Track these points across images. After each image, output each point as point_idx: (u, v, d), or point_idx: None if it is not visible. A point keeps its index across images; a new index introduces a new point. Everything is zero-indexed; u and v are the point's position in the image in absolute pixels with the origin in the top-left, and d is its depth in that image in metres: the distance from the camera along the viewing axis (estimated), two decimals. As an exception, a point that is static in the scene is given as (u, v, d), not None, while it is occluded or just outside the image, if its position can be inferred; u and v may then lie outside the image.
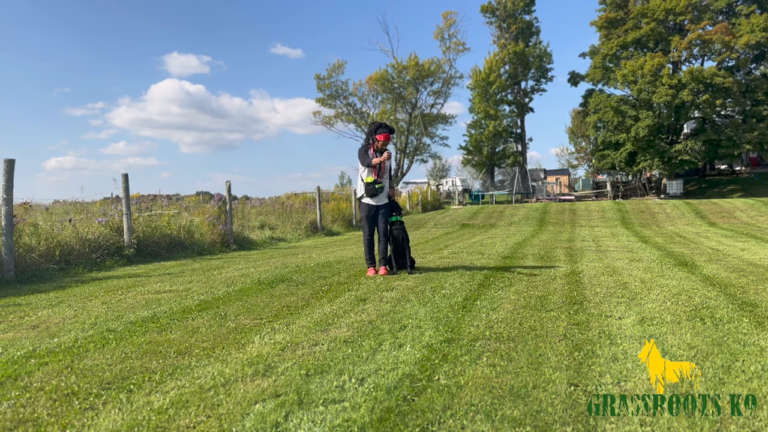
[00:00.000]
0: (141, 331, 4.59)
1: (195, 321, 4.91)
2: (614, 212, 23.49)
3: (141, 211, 12.59)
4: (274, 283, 6.83)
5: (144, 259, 10.15)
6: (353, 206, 21.99)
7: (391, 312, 5.11)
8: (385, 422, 2.69)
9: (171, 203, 16.36)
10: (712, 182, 39.35)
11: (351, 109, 56.24)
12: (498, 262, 8.64)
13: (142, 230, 10.91)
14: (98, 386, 3.27)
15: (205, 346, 4.10)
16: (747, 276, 6.74)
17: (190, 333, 4.49)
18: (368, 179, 7.20)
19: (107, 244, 9.81)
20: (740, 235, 14.05)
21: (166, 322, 4.88)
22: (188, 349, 4.03)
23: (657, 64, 34.38)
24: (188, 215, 13.32)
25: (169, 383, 3.31)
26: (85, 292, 6.65)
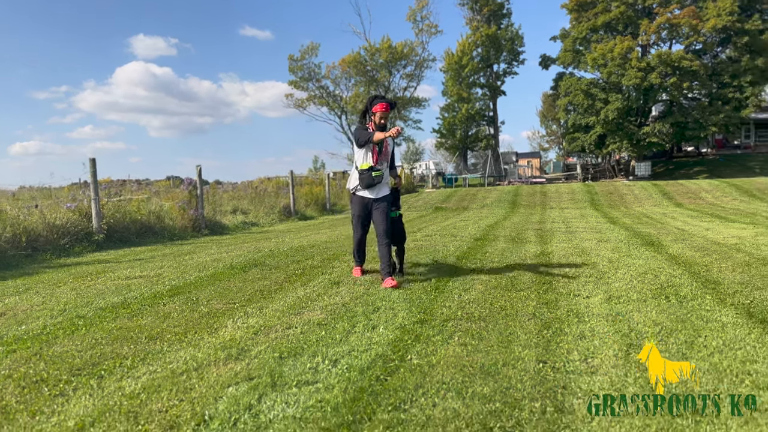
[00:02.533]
0: (111, 317, 4.54)
1: (166, 306, 4.87)
2: (584, 194, 23.85)
3: (110, 196, 12.36)
4: (246, 267, 6.80)
5: (114, 245, 9.99)
6: (327, 190, 21.90)
7: (364, 294, 5.14)
8: (358, 402, 2.73)
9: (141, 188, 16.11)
10: (679, 164, 40.15)
11: (324, 92, 55.75)
12: (470, 244, 8.73)
13: (112, 216, 10.72)
14: (68, 373, 3.24)
15: (177, 331, 4.08)
16: (711, 255, 6.93)
17: (161, 318, 4.46)
18: (364, 165, 5.59)
19: (76, 230, 9.63)
20: (705, 216, 14.41)
21: (137, 307, 4.84)
22: (160, 334, 4.01)
23: (626, 48, 34.76)
24: (158, 200, 13.12)
25: (141, 368, 3.30)
26: (54, 278, 6.53)
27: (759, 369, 2.98)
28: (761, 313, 4.08)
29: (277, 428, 2.49)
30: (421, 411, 2.62)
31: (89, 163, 10.22)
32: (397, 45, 53.12)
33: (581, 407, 2.62)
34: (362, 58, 53.50)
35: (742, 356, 3.20)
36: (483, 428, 2.43)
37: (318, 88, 55.50)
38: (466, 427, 2.45)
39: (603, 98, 36.06)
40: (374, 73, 54.37)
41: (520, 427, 2.45)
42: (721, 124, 34.61)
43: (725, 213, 15.00)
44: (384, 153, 5.66)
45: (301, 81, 54.72)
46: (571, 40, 39.01)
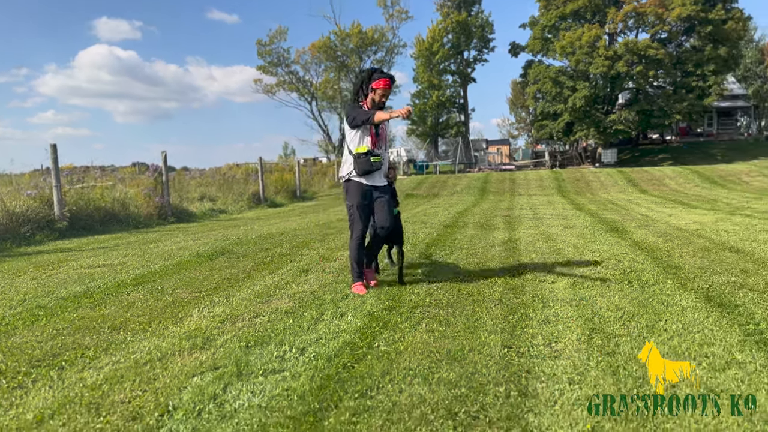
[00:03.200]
0: (73, 306, 4.44)
1: (130, 295, 4.79)
2: (551, 181, 24.17)
3: (73, 183, 12.05)
4: (213, 255, 6.71)
5: (77, 233, 9.76)
6: (297, 177, 21.74)
7: (333, 282, 5.13)
8: (325, 389, 2.73)
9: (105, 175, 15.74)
10: (644, 151, 40.90)
11: (293, 78, 55.16)
12: (440, 231, 8.78)
13: (75, 203, 10.47)
14: (27, 364, 3.16)
15: (141, 320, 4.01)
16: (673, 240, 7.10)
17: (125, 308, 4.38)
18: (360, 148, 4.70)
19: (37, 218, 9.38)
20: (669, 202, 14.75)
21: (99, 297, 4.75)
22: (123, 324, 3.94)
23: (594, 36, 35.13)
24: (123, 187, 12.85)
25: (103, 359, 3.24)
26: (13, 267, 6.36)
27: (716, 351, 3.07)
28: (719, 297, 4.20)
29: (242, 417, 2.47)
30: (388, 397, 2.63)
31: (50, 149, 9.94)
32: (367, 30, 52.82)
33: (544, 391, 2.67)
34: (332, 43, 53.05)
35: (700, 339, 3.29)
36: (448, 413, 2.46)
37: (287, 74, 54.91)
38: (431, 412, 2.47)
39: (571, 86, 36.43)
40: (344, 58, 53.99)
41: (485, 411, 2.48)
42: (685, 112, 35.32)
43: (688, 199, 15.38)
44: (381, 136, 4.86)
45: (270, 66, 54.04)
46: (540, 28, 39.24)
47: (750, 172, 23.08)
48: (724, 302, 4.05)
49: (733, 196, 15.76)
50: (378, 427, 2.36)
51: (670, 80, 36.85)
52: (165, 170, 13.03)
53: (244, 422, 2.42)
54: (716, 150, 37.39)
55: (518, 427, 2.34)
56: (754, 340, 3.22)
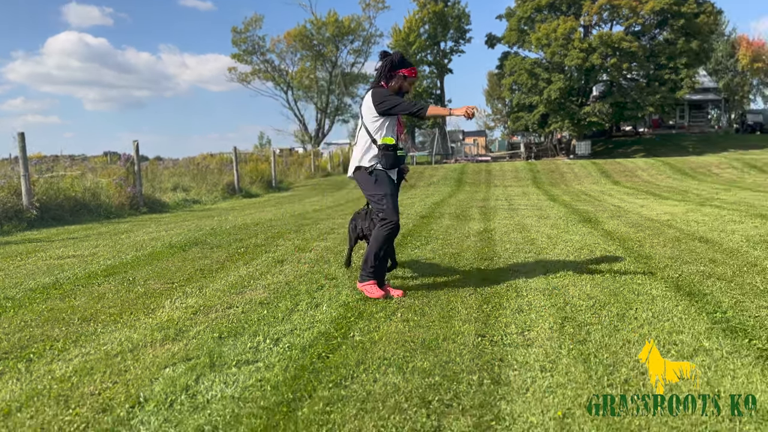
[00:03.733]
0: (42, 298, 4.35)
1: (101, 286, 4.71)
2: (526, 172, 24.39)
3: (42, 172, 11.79)
4: (186, 246, 6.63)
5: (46, 223, 9.56)
6: (273, 167, 21.58)
7: (308, 273, 5.11)
8: (299, 380, 2.72)
9: (75, 164, 15.43)
10: (617, 143, 41.50)
11: (269, 66, 54.66)
12: (416, 221, 8.80)
13: (44, 193, 10.24)
14: (-7, 357, 3.09)
15: (111, 312, 3.95)
16: (644, 231, 7.21)
17: (95, 299, 4.31)
18: (387, 139, 4.23)
19: (5, 208, 9.15)
20: (641, 193, 14.99)
21: (69, 288, 4.66)
22: (94, 315, 3.87)
23: (569, 28, 35.43)
24: (94, 177, 12.61)
25: (73, 351, 3.18)
26: (-21, 259, 6.20)
27: (684, 339, 3.13)
28: (688, 286, 4.28)
29: (214, 409, 2.45)
30: (362, 387, 2.63)
31: (18, 137, 9.69)
32: (344, 19, 52.50)
33: (517, 379, 2.69)
34: (308, 32, 52.64)
35: (669, 327, 3.35)
36: (422, 401, 2.47)
37: (263, 62, 54.41)
38: (405, 401, 2.48)
39: (546, 78, 36.73)
40: (321, 47, 53.62)
41: (458, 399, 2.49)
42: (657, 104, 35.92)
43: (659, 190, 15.64)
44: (401, 131, 4.51)
45: (245, 54, 53.46)
46: (517, 20, 39.42)
47: (720, 164, 23.56)
48: (693, 291, 4.13)
49: (703, 187, 16.08)
50: (352, 416, 2.36)
51: (644, 73, 37.40)
52: (137, 160, 12.82)
53: (217, 413, 2.40)
54: (687, 142, 38.10)
55: (491, 414, 2.36)
56: (721, 328, 3.29)
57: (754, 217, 7.86)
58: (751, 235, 6.38)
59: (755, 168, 21.89)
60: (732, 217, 8.02)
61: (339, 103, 56.64)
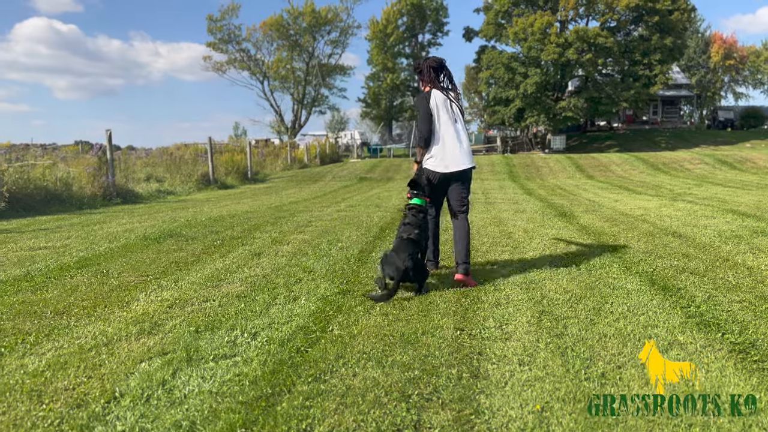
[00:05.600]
0: (12, 290, 4.25)
1: (74, 279, 4.61)
2: (503, 166, 24.56)
3: (11, 161, 11.49)
4: (161, 238, 6.53)
5: (16, 214, 9.33)
6: (249, 158, 21.36)
7: (286, 266, 5.08)
8: (278, 374, 2.69)
9: (46, 153, 15.09)
10: (592, 138, 42.00)
11: (245, 56, 53.99)
12: (394, 214, 8.79)
13: (14, 182, 9.99)
14: (-39, 352, 3.00)
15: (85, 305, 3.87)
16: (618, 225, 7.31)
17: (68, 291, 4.22)
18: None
19: (-29, 198, 8.91)
20: (614, 187, 15.20)
21: (41, 280, 4.55)
22: (67, 308, 3.79)
23: (546, 23, 35.65)
24: (66, 166, 12.34)
25: (46, 345, 3.11)
26: (-55, 250, 6.03)
27: (659, 333, 3.19)
28: (662, 281, 4.35)
29: (192, 403, 2.42)
30: (341, 381, 2.62)
31: (-15, 125, 9.43)
32: (321, 10, 52.12)
33: (495, 372, 2.71)
34: (285, 21, 52.11)
35: (644, 321, 3.40)
36: (401, 395, 2.47)
37: (238, 51, 53.71)
38: (385, 395, 2.48)
39: (523, 72, 36.93)
40: (297, 37, 53.16)
41: (437, 393, 2.50)
42: (631, 99, 36.40)
43: (633, 185, 15.88)
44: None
45: (221, 43, 52.76)
46: (494, 13, 39.51)
47: (692, 160, 24.01)
48: (667, 285, 4.20)
49: (675, 182, 16.37)
50: (332, 410, 2.35)
51: (618, 68, 37.86)
52: (110, 149, 12.57)
53: (194, 408, 2.37)
54: (660, 137, 38.73)
55: (470, 408, 2.37)
56: (695, 322, 3.35)
57: (726, 213, 8.02)
58: (723, 230, 6.51)
59: (726, 164, 22.36)
60: (704, 213, 8.18)
61: (316, 94, 56.28)
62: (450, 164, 4.38)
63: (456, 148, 4.38)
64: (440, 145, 4.38)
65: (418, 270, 4.06)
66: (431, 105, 4.37)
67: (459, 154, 4.39)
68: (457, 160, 4.38)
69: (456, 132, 4.41)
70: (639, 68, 36.25)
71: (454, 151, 4.38)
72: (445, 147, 4.38)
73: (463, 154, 4.41)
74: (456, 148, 4.38)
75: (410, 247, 4.15)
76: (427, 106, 4.37)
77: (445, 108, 4.40)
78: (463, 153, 4.41)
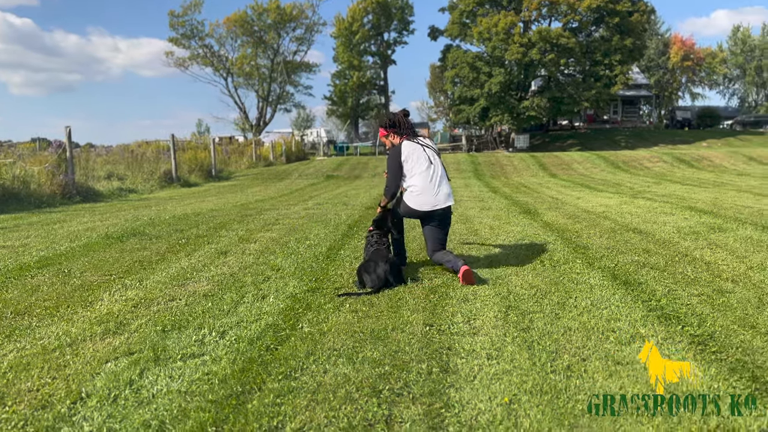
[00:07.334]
0: (-32, 292, 4.11)
1: (35, 279, 4.49)
2: (468, 164, 24.79)
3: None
4: (124, 237, 6.41)
5: (-31, 213, 9.02)
6: (213, 156, 21.07)
7: (254, 264, 5.04)
8: (247, 372, 2.68)
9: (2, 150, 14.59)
10: (554, 137, 42.72)
11: (208, 52, 53.16)
12: (362, 212, 8.80)
13: (-34, 181, 9.66)
14: None
15: (47, 305, 3.78)
16: (581, 222, 7.47)
17: (29, 292, 4.11)
18: None
19: None
20: (577, 185, 15.50)
21: (0, 280, 4.42)
22: (28, 308, 3.70)
23: (510, 23, 36.10)
24: (23, 164, 11.96)
25: (7, 346, 3.03)
26: None
27: (621, 326, 3.28)
28: (624, 276, 4.47)
29: (160, 403, 2.39)
30: (312, 378, 2.63)
31: (-64, 120, 9.08)
32: (285, 6, 51.67)
33: (464, 367, 2.75)
34: (249, 17, 51.49)
35: (607, 315, 3.49)
36: (372, 391, 2.49)
37: (201, 47, 52.86)
38: (356, 391, 2.49)
39: (487, 72, 37.32)
40: (262, 34, 52.61)
41: (408, 388, 2.53)
42: (593, 99, 37.14)
43: (594, 183, 16.22)
44: None
45: (183, 38, 51.85)
46: (459, 13, 39.80)
47: (651, 158, 24.65)
48: (628, 280, 4.32)
49: (635, 180, 16.78)
50: (303, 407, 2.35)
51: (580, 69, 38.58)
52: (69, 146, 12.25)
53: (163, 407, 2.35)
54: (620, 136, 39.64)
55: (440, 402, 2.40)
56: (656, 315, 3.46)
57: (684, 210, 8.27)
58: (681, 226, 6.71)
59: (684, 162, 23.02)
60: (663, 209, 8.42)
61: (281, 92, 55.79)
62: (424, 204, 4.53)
63: (432, 190, 4.54)
64: (420, 187, 4.52)
65: (396, 276, 4.25)
66: (402, 159, 4.53)
67: (436, 197, 4.54)
68: (436, 200, 4.54)
69: (433, 174, 4.56)
70: (600, 68, 37.02)
71: (433, 191, 4.55)
72: (425, 188, 4.52)
73: (442, 195, 4.57)
74: (432, 191, 4.53)
75: (386, 254, 4.39)
76: (398, 160, 4.54)
77: (418, 155, 4.55)
78: (442, 194, 4.57)
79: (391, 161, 4.58)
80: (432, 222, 4.61)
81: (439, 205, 4.55)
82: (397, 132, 4.67)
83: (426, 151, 4.60)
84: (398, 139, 4.66)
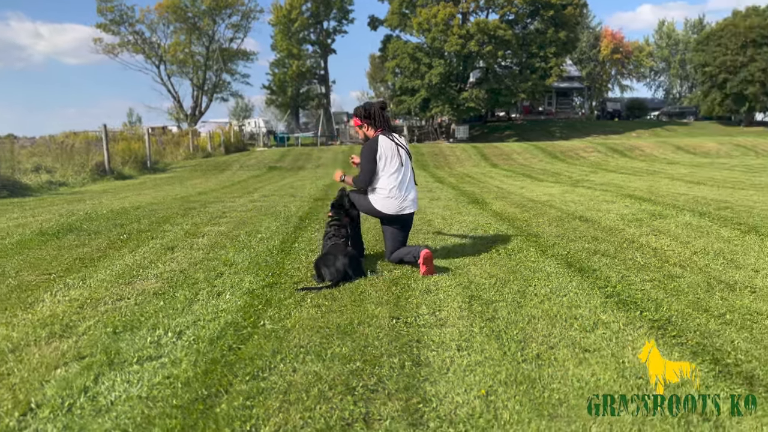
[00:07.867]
0: None
1: (-37, 281, 4.15)
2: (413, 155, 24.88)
3: None
4: (60, 233, 6.04)
5: None
6: (147, 146, 20.26)
7: (204, 259, 4.84)
8: (212, 374, 2.55)
9: None
10: (492, 128, 43.50)
11: (139, 38, 51.03)
12: (311, 204, 8.66)
13: None
14: None
15: (-19, 309, 3.49)
16: (529, 211, 7.60)
17: (-42, 295, 3.79)
18: None
19: None
20: (518, 175, 15.81)
21: None
22: (-42, 314, 3.40)
23: (449, 14, 36.40)
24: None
25: (-62, 356, 2.77)
26: None
27: (583, 313, 3.32)
28: (578, 263, 4.56)
29: (121, 410, 2.23)
30: (282, 377, 2.52)
31: None
32: (221, -7, 50.15)
33: (436, 359, 2.72)
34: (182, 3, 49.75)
35: (567, 302, 3.54)
36: (346, 389, 2.41)
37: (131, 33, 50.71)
38: (329, 389, 2.41)
39: (427, 63, 37.56)
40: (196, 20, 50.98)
41: (382, 383, 2.47)
42: (529, 91, 38.05)
43: (534, 173, 16.60)
44: None
45: (112, 24, 49.54)
46: (398, 3, 39.80)
47: (586, 148, 25.45)
48: (583, 267, 4.40)
49: (573, 170, 17.27)
50: (276, 409, 2.25)
51: (517, 61, 39.39)
52: (-8, 137, 11.46)
53: (125, 415, 2.20)
54: (555, 127, 40.81)
55: (417, 396, 2.35)
56: (614, 301, 3.53)
57: (624, 198, 8.55)
58: (624, 213, 6.93)
59: (617, 152, 23.90)
60: (604, 198, 8.67)
61: (217, 80, 54.28)
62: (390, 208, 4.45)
63: (401, 194, 4.45)
64: (388, 189, 4.43)
65: (355, 269, 4.16)
66: (378, 155, 4.40)
67: (403, 202, 4.47)
68: (403, 204, 4.47)
69: (402, 177, 4.48)
70: (535, 61, 37.92)
71: (401, 196, 4.46)
72: (393, 192, 4.43)
73: (409, 201, 4.51)
74: (400, 195, 4.45)
75: (344, 247, 4.33)
76: (374, 155, 4.40)
77: (392, 154, 4.45)
78: (409, 200, 4.51)
79: (366, 155, 4.45)
80: (395, 224, 4.55)
81: (406, 210, 4.50)
82: (371, 124, 4.56)
83: (399, 151, 4.50)
84: (372, 132, 4.55)
